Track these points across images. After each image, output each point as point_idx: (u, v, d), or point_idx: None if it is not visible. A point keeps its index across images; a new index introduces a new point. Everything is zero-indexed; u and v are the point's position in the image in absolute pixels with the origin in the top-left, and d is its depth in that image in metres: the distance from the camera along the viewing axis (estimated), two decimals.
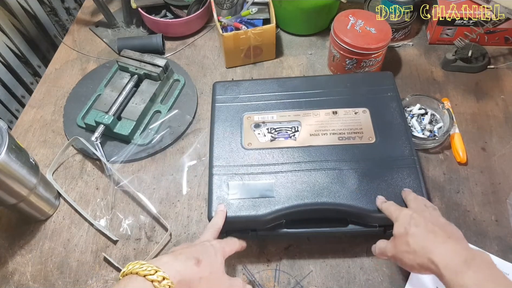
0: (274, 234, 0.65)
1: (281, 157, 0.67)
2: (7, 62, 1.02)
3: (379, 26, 0.83)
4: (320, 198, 0.62)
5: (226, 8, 0.96)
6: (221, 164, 0.67)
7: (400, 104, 0.72)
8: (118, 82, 0.87)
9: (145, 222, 0.73)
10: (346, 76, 0.82)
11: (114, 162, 0.79)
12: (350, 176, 0.64)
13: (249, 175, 0.66)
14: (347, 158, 0.66)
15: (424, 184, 0.63)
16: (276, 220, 0.63)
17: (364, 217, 0.63)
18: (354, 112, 0.72)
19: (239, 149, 0.69)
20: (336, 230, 0.65)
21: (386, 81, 0.75)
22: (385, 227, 0.63)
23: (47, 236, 0.73)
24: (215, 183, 0.65)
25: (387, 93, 0.73)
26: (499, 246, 0.67)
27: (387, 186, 0.63)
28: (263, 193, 0.63)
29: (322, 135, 0.70)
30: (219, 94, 0.76)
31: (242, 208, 0.62)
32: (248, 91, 0.76)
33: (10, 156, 0.61)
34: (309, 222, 0.65)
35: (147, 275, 0.45)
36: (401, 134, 0.68)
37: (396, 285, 0.64)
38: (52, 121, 0.88)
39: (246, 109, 0.74)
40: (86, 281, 0.68)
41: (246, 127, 0.72)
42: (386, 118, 0.70)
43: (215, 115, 0.74)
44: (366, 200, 0.62)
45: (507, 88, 0.86)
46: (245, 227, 0.65)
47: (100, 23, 1.06)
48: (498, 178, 0.74)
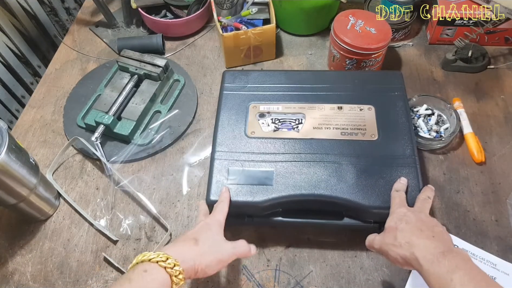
0: (270, 221, 0.66)
1: (282, 147, 0.68)
2: (7, 62, 1.02)
3: (379, 26, 0.83)
4: (317, 190, 0.63)
5: (226, 8, 0.96)
6: (223, 150, 0.68)
7: (406, 104, 0.72)
8: (118, 82, 0.87)
9: (145, 222, 0.73)
10: (355, 73, 0.82)
11: (114, 162, 0.79)
12: (349, 171, 0.65)
13: (250, 162, 0.67)
14: (347, 152, 0.67)
15: (423, 184, 0.63)
16: (273, 208, 0.64)
17: (359, 212, 0.64)
18: (359, 109, 0.73)
19: (242, 136, 0.70)
20: (331, 222, 0.66)
21: (395, 80, 0.76)
22: (380, 223, 0.64)
23: (47, 236, 0.73)
24: (215, 167, 0.66)
25: (395, 92, 0.74)
26: (499, 246, 0.67)
27: (385, 183, 0.63)
28: (262, 181, 0.64)
29: (325, 129, 0.70)
30: (228, 83, 0.77)
31: (240, 193, 0.64)
32: (256, 81, 0.77)
33: (10, 156, 0.61)
34: (305, 212, 0.66)
35: (160, 261, 0.48)
36: (404, 134, 0.68)
37: (396, 285, 0.64)
38: (52, 121, 0.88)
39: (253, 99, 0.75)
40: (86, 281, 0.68)
41: (251, 116, 0.73)
42: (390, 117, 0.71)
43: (222, 102, 0.75)
44: (363, 195, 0.62)
45: (507, 88, 0.86)
46: (242, 212, 0.66)
47: (100, 23, 1.06)
48: (498, 178, 0.74)
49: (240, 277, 0.66)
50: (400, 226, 0.54)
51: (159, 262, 0.48)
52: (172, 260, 0.49)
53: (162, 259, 0.48)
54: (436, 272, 0.47)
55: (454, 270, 0.46)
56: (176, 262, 0.49)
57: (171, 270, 0.48)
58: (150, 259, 0.49)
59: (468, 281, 0.45)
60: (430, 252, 0.49)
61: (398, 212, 0.57)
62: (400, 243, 0.52)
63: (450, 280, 0.45)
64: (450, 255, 0.48)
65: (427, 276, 0.48)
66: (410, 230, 0.53)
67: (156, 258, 0.48)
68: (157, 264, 0.48)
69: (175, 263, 0.49)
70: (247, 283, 0.66)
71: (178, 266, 0.49)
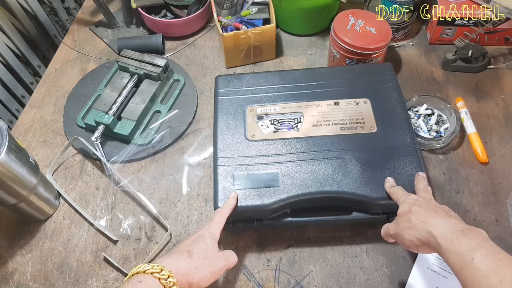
0: (279, 223, 0.66)
1: (284, 148, 0.68)
2: (7, 62, 1.02)
3: (379, 26, 0.83)
4: (324, 187, 0.63)
5: (226, 8, 0.96)
6: (225, 156, 0.68)
7: (400, 94, 0.73)
8: (118, 82, 0.87)
9: (145, 222, 0.73)
10: (347, 68, 0.83)
11: (114, 162, 0.79)
12: (353, 165, 0.65)
13: (254, 165, 0.67)
14: (349, 147, 0.67)
15: (426, 171, 0.64)
16: (281, 209, 0.65)
17: (367, 205, 0.64)
18: (356, 103, 0.73)
19: (243, 140, 0.70)
20: (341, 218, 0.66)
21: (386, 72, 0.77)
22: (388, 214, 0.64)
23: (47, 236, 0.73)
24: (220, 174, 0.66)
25: (388, 84, 0.75)
26: (499, 246, 0.66)
27: (389, 173, 0.64)
28: (268, 183, 0.64)
29: (324, 125, 0.71)
30: (222, 88, 0.77)
31: (248, 197, 0.64)
32: (250, 84, 0.77)
33: (10, 156, 0.61)
34: (313, 211, 0.66)
35: (154, 272, 0.49)
36: (402, 123, 0.69)
37: (396, 285, 0.64)
38: (52, 121, 0.88)
39: (249, 102, 0.75)
40: (86, 281, 0.68)
41: (249, 119, 0.73)
42: (387, 108, 0.72)
43: (218, 108, 0.74)
44: (369, 187, 0.63)
45: (507, 88, 0.86)
46: (251, 217, 0.66)
47: (100, 23, 1.06)
48: (498, 178, 0.74)
49: (240, 277, 0.66)
50: (413, 208, 0.53)
51: (154, 273, 0.49)
52: (166, 271, 0.49)
53: (156, 270, 0.49)
54: (456, 250, 0.45)
55: (476, 249, 0.44)
56: (170, 274, 0.49)
57: (165, 281, 0.48)
58: (144, 271, 0.49)
59: (491, 260, 0.43)
60: (448, 230, 0.47)
61: (409, 199, 0.56)
62: (415, 224, 0.51)
63: (471, 258, 0.43)
64: (470, 233, 0.46)
65: (446, 255, 0.46)
66: (425, 211, 0.52)
67: (151, 270, 0.49)
68: (151, 275, 0.49)
69: (169, 274, 0.49)
70: (247, 283, 0.66)
71: (172, 278, 0.49)
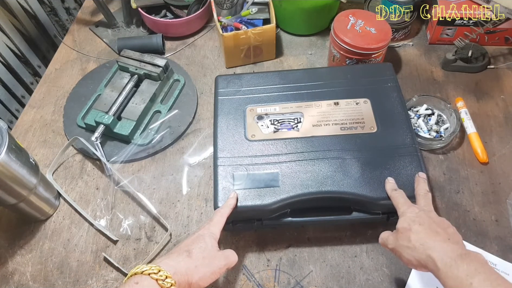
0: (279, 223, 0.66)
1: (284, 148, 0.68)
2: (7, 62, 1.02)
3: (379, 26, 0.83)
4: (324, 187, 0.63)
5: (226, 8, 0.96)
6: (225, 156, 0.68)
7: (400, 94, 0.73)
8: (118, 82, 0.87)
9: (145, 222, 0.73)
10: (347, 68, 0.83)
11: (114, 162, 0.79)
12: (353, 165, 0.65)
13: (254, 165, 0.67)
14: (349, 147, 0.67)
15: (426, 171, 0.64)
16: (281, 209, 0.65)
17: (367, 205, 0.64)
18: (356, 103, 0.73)
19: (243, 140, 0.70)
20: (341, 218, 0.66)
21: (386, 72, 0.77)
22: (388, 214, 0.64)
23: (47, 236, 0.73)
24: (220, 174, 0.66)
25: (387, 84, 0.75)
26: (499, 246, 0.67)
27: (390, 173, 0.64)
28: (268, 183, 0.64)
29: (324, 125, 0.71)
30: (222, 88, 0.77)
31: (248, 197, 0.64)
32: (250, 84, 0.77)
33: (10, 156, 0.61)
34: (313, 211, 0.66)
35: (151, 273, 0.49)
36: (402, 123, 0.69)
37: (396, 285, 0.64)
38: (52, 121, 0.88)
39: (249, 102, 0.75)
40: (86, 281, 0.68)
41: (249, 119, 0.73)
42: (387, 108, 0.72)
43: (218, 108, 0.74)
44: (369, 188, 0.63)
45: (507, 88, 0.86)
46: (251, 217, 0.66)
47: (100, 23, 1.06)
48: (498, 178, 0.74)
49: (240, 277, 0.66)
50: (414, 227, 0.53)
51: (151, 274, 0.49)
52: (164, 272, 0.49)
53: (154, 271, 0.49)
54: (454, 275, 0.46)
55: (474, 274, 0.45)
56: (168, 274, 0.49)
57: (163, 282, 0.48)
58: (142, 272, 0.49)
59: (489, 286, 0.44)
60: (447, 255, 0.48)
61: (409, 212, 0.56)
62: (415, 245, 0.51)
63: (469, 284, 0.44)
64: (468, 258, 0.47)
65: (445, 279, 0.47)
66: (425, 232, 0.52)
67: (148, 271, 0.49)
68: (149, 276, 0.49)
69: (167, 275, 0.49)
70: (247, 283, 0.66)
71: (170, 278, 0.49)
